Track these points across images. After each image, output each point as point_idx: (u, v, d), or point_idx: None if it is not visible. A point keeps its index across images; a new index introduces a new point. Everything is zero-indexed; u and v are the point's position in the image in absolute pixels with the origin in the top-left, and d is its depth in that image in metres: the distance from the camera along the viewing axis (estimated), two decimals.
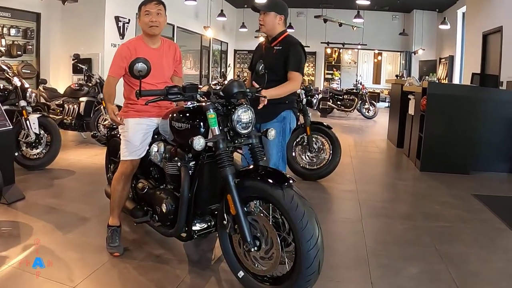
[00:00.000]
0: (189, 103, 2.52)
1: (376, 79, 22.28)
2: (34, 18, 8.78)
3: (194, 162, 2.51)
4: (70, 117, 6.95)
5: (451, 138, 5.94)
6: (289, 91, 3.24)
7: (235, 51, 20.49)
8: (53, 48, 9.20)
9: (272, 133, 2.48)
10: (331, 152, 5.15)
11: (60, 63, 9.29)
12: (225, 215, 2.29)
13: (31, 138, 5.07)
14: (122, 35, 9.92)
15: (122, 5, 9.77)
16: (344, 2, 15.46)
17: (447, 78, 13.92)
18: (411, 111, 7.11)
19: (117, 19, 9.69)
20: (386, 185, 5.41)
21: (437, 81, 7.09)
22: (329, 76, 20.93)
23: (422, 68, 7.65)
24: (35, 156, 5.20)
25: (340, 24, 13.35)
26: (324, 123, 5.27)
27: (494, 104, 6.12)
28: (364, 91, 13.81)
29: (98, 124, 6.87)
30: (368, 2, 11.05)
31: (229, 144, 2.31)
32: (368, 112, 13.75)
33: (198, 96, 2.41)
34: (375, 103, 14.18)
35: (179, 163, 2.52)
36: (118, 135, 3.28)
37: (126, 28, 10.05)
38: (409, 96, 7.26)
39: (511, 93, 6.86)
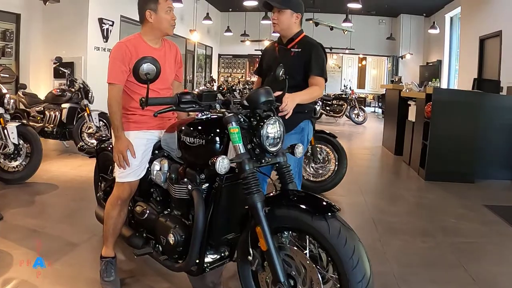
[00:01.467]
0: (200, 114, 2.12)
1: (360, 84, 22.19)
2: (14, 19, 8.26)
3: (207, 185, 2.10)
4: (52, 125, 6.51)
5: (457, 146, 5.73)
6: (315, 98, 2.87)
7: (219, 55, 20.14)
8: (34, 51, 8.70)
9: (299, 150, 2.09)
10: (336, 163, 4.81)
11: (41, 67, 8.80)
12: (251, 249, 1.89)
13: (9, 149, 4.62)
14: (105, 38, 9.47)
15: (106, 7, 9.33)
16: (331, 6, 15.23)
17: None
18: (411, 117, 6.85)
19: (100, 21, 9.24)
20: (395, 197, 5.09)
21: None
22: None
23: (424, 73, 7.37)
24: (14, 169, 4.76)
25: (331, 28, 13.11)
26: (327, 131, 4.93)
27: (501, 111, 5.96)
28: (353, 96, 13.58)
29: (82, 133, 6.43)
30: (360, 6, 10.79)
31: (255, 165, 1.92)
32: (357, 117, 13.51)
33: (217, 106, 2.02)
34: (364, 109, 13.97)
35: (189, 185, 2.09)
36: (110, 148, 2.87)
37: (110, 31, 9.61)
38: (409, 102, 7.00)
39: None
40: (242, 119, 1.93)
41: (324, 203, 1.75)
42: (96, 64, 8.75)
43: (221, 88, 10.77)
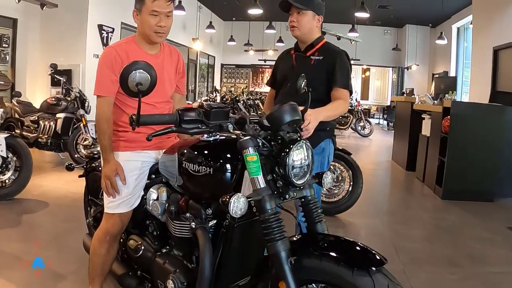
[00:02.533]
0: (206, 134, 1.72)
1: (363, 95, 21.86)
2: (10, 24, 7.96)
3: (215, 221, 1.71)
4: (46, 136, 6.16)
5: (476, 162, 5.40)
6: (340, 114, 2.50)
7: (222, 65, 19.84)
8: (31, 57, 8.38)
9: (328, 179, 1.70)
10: (351, 182, 4.43)
11: (38, 74, 8.48)
12: None
13: None
14: (105, 46, 9.15)
15: (107, 13, 9.03)
16: (336, 16, 14.93)
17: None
18: (425, 132, 6.50)
19: (100, 27, 8.93)
20: (413, 219, 4.70)
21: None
22: None
23: (439, 85, 7.00)
24: (1, 184, 4.39)
25: (339, 38, 12.78)
26: (340, 148, 4.54)
27: None
28: (359, 108, 13.24)
29: (78, 144, 6.07)
30: (368, 15, 10.47)
31: (277, 201, 1.51)
32: (363, 130, 13.16)
33: (229, 126, 1.61)
34: (370, 121, 13.63)
35: (193, 223, 1.68)
36: (100, 168, 2.48)
37: (110, 38, 9.29)
38: (423, 116, 6.65)
39: None
40: (261, 143, 1.53)
41: (367, 253, 1.36)
42: (94, 72, 8.41)
43: (224, 99, 10.41)
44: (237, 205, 1.40)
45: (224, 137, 1.73)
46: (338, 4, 12.71)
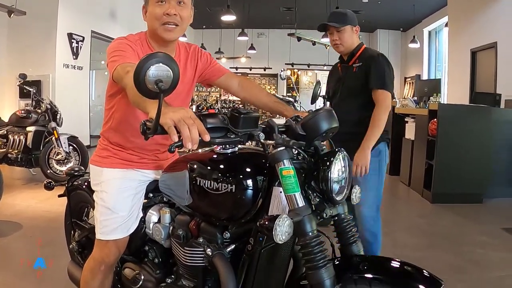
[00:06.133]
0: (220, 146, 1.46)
1: None
2: None
3: (233, 246, 1.45)
4: (16, 151, 5.77)
5: (464, 165, 5.35)
6: (384, 123, 2.49)
7: None
8: None
9: (358, 194, 1.46)
10: None
11: (5, 85, 8.07)
12: None
13: None
14: (75, 55, 8.80)
15: (76, 21, 8.69)
16: (307, 22, 14.90)
17: (414, 97, 13.63)
18: (409, 135, 6.43)
19: (70, 36, 8.57)
20: (409, 226, 4.57)
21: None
22: (291, 99, 20.37)
23: (423, 88, 6.99)
24: None
25: (314, 43, 12.83)
26: None
27: (504, 125, 5.64)
28: None
29: (50, 159, 5.71)
30: None
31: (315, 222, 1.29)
32: None
33: (261, 135, 1.32)
34: None
35: (209, 249, 1.43)
36: (84, 186, 2.17)
37: (80, 48, 8.94)
38: (406, 119, 6.57)
39: None
40: (295, 155, 1.33)
41: (424, 275, 1.18)
42: (65, 83, 8.08)
43: (200, 108, 10.16)
44: (283, 229, 1.18)
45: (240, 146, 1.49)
46: (313, 10, 12.73)
